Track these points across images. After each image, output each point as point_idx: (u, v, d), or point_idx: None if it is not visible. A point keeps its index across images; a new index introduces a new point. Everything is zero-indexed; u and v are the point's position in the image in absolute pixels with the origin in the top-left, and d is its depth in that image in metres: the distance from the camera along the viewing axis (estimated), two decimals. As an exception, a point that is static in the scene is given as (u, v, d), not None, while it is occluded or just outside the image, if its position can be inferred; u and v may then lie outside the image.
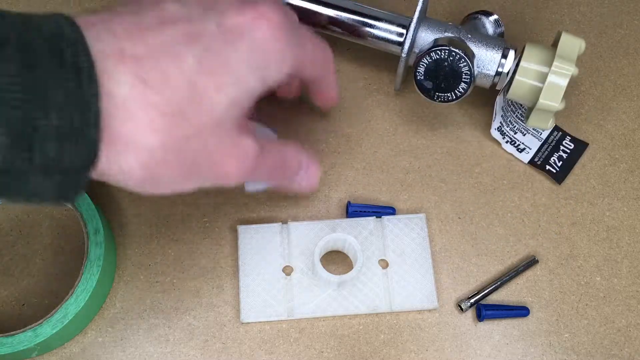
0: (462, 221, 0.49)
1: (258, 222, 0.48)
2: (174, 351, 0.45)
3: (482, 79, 0.47)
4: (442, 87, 0.46)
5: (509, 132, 0.51)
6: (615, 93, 0.54)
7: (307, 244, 0.47)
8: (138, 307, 0.46)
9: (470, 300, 0.46)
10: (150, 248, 0.48)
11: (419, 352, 0.45)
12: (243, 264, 0.46)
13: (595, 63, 0.55)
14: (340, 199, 0.50)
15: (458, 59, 0.45)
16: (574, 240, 0.49)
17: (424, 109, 0.53)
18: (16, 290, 0.46)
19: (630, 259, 0.49)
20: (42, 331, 0.42)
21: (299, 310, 0.45)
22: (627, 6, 0.57)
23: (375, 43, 0.50)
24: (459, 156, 0.51)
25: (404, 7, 0.56)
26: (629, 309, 0.47)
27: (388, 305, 0.46)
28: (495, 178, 0.51)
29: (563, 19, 0.57)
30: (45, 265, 0.47)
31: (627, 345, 0.46)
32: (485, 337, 0.46)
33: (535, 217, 0.50)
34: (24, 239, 0.47)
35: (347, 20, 0.49)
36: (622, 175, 0.51)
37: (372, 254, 0.47)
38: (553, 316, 0.47)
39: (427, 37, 0.47)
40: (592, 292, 0.48)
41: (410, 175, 0.51)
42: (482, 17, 0.50)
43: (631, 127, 0.53)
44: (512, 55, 0.47)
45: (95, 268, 0.43)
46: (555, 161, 0.51)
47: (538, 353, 0.46)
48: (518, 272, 0.48)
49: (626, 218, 0.50)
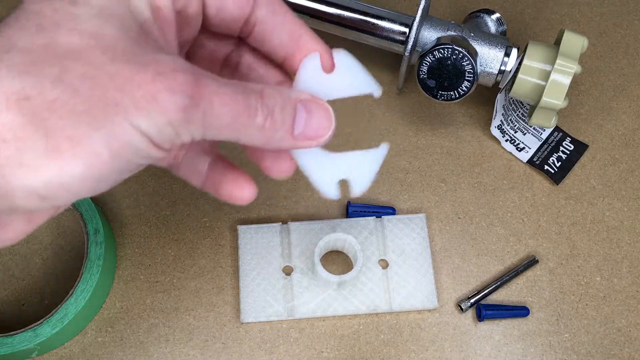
0: (462, 221, 0.49)
1: (258, 222, 0.48)
2: (174, 351, 0.45)
3: (485, 78, 0.47)
4: (445, 86, 0.46)
5: (509, 130, 0.51)
6: (615, 93, 0.54)
7: (307, 244, 0.47)
8: (138, 307, 0.46)
9: (470, 300, 0.46)
10: (150, 248, 0.47)
11: (419, 352, 0.45)
12: (243, 264, 0.46)
13: (595, 63, 0.55)
14: (340, 199, 0.50)
15: (461, 58, 0.45)
16: (574, 240, 0.49)
17: (424, 109, 0.53)
18: (16, 290, 0.46)
19: (630, 259, 0.49)
20: (42, 331, 0.41)
21: (299, 310, 0.45)
22: (627, 6, 0.57)
23: (378, 42, 0.49)
24: (459, 156, 0.51)
25: (406, 6, 0.56)
26: (629, 309, 0.47)
27: (388, 306, 0.46)
28: (495, 178, 0.51)
29: (563, 18, 0.57)
30: (45, 265, 0.47)
31: (627, 345, 0.46)
32: (486, 337, 0.46)
33: (535, 217, 0.50)
34: (23, 238, 0.47)
35: (350, 19, 0.49)
36: (622, 175, 0.51)
37: (372, 254, 0.47)
38: (553, 316, 0.47)
39: (429, 35, 0.47)
40: (592, 292, 0.48)
41: (411, 175, 0.51)
42: (484, 15, 0.50)
43: (631, 127, 0.53)
44: (514, 54, 0.47)
45: (95, 268, 0.43)
46: (554, 161, 0.51)
47: (538, 353, 0.46)
48: (518, 272, 0.48)
49: (626, 218, 0.50)
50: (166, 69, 0.24)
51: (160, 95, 0.24)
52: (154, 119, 0.24)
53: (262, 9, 0.30)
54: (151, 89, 0.24)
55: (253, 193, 0.32)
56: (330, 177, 0.32)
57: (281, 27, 0.31)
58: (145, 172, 0.50)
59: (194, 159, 0.32)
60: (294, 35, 0.31)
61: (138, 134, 0.24)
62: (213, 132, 0.26)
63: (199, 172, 0.32)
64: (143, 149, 0.24)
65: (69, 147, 0.22)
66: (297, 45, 0.31)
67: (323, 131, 0.30)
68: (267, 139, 0.28)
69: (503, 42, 0.47)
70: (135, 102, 0.23)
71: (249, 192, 0.32)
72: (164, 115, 0.24)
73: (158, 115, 0.24)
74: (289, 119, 0.28)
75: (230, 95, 0.26)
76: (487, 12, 0.50)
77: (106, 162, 0.23)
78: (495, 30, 0.50)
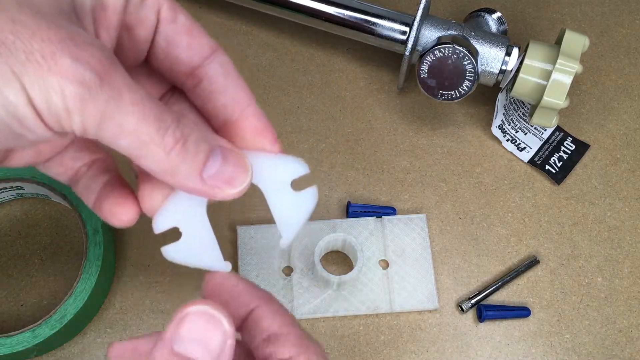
0: (463, 221, 0.49)
1: (258, 222, 0.48)
2: (174, 352, 0.45)
3: (486, 77, 0.47)
4: (445, 85, 0.46)
5: (510, 130, 0.51)
6: (616, 92, 0.54)
7: (307, 244, 0.47)
8: (137, 307, 0.46)
9: (471, 301, 0.46)
10: (149, 248, 0.47)
11: (420, 353, 0.45)
12: (243, 264, 0.46)
13: (596, 62, 0.55)
14: (340, 199, 0.49)
15: (462, 57, 0.44)
16: (575, 240, 0.49)
17: (425, 109, 0.53)
18: (15, 291, 0.46)
19: (631, 260, 0.48)
20: (41, 332, 0.41)
21: (299, 311, 0.45)
22: (628, 5, 0.57)
23: (378, 41, 0.49)
24: (459, 156, 0.51)
25: (407, 5, 0.56)
26: (631, 310, 0.47)
27: (388, 306, 0.45)
28: (496, 178, 0.51)
29: (564, 18, 0.56)
30: (44, 266, 0.47)
31: (628, 346, 0.46)
32: (486, 337, 0.46)
33: (536, 217, 0.49)
34: (22, 239, 0.47)
35: (350, 18, 0.49)
36: (624, 175, 0.51)
37: (373, 254, 0.47)
38: (554, 317, 0.47)
39: (430, 35, 0.47)
40: (594, 292, 0.47)
41: (411, 175, 0.51)
42: (485, 14, 0.50)
43: (632, 127, 0.53)
44: (515, 53, 0.47)
45: (94, 268, 0.43)
46: (555, 161, 0.51)
47: (539, 354, 0.46)
48: (519, 273, 0.47)
49: (628, 218, 0.50)
50: (81, 40, 0.21)
51: (61, 57, 0.20)
52: (42, 79, 0.20)
53: (216, 66, 0.28)
54: (54, 48, 0.20)
55: (134, 215, 0.28)
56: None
57: (230, 90, 0.28)
58: (144, 172, 0.50)
59: (94, 177, 0.29)
60: (241, 103, 0.28)
61: (18, 86, 0.20)
62: (110, 133, 0.22)
63: (93, 190, 0.29)
64: (21, 109, 0.20)
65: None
66: (241, 114, 0.28)
67: (235, 183, 0.26)
68: (171, 168, 0.24)
69: (504, 42, 0.47)
70: (28, 52, 0.20)
71: (129, 212, 0.28)
72: (58, 82, 0.20)
73: (50, 76, 0.20)
74: (202, 156, 0.25)
75: (143, 100, 0.22)
76: (488, 11, 0.50)
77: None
78: (496, 29, 0.50)
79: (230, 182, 0.26)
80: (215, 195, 0.26)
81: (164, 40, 0.27)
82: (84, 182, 0.29)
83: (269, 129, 0.29)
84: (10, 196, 0.47)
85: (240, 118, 0.28)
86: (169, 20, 0.27)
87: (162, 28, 0.27)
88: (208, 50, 0.28)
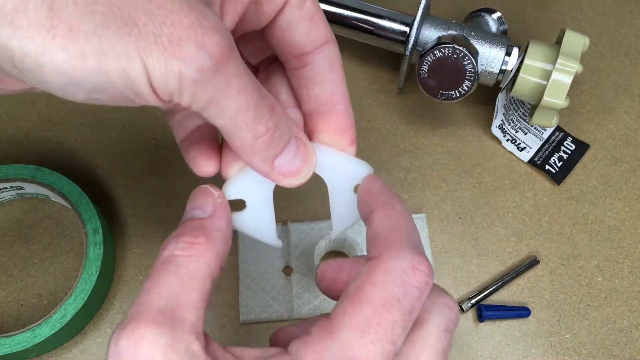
0: (463, 221, 0.49)
1: (258, 221, 0.48)
2: (174, 352, 0.45)
3: (486, 77, 0.47)
4: (445, 85, 0.46)
5: (510, 130, 0.51)
6: (616, 92, 0.54)
7: (307, 244, 0.47)
8: (137, 307, 0.46)
9: (471, 301, 0.46)
10: (149, 248, 0.47)
11: (420, 353, 0.45)
12: (243, 264, 0.46)
13: (596, 62, 0.55)
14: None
15: (462, 57, 0.44)
16: (576, 240, 0.49)
17: (425, 109, 0.53)
18: (15, 291, 0.46)
19: (631, 259, 0.48)
20: (41, 332, 0.41)
21: (299, 311, 0.45)
22: (628, 5, 0.57)
23: (378, 41, 0.49)
24: (459, 156, 0.51)
25: (407, 5, 0.56)
26: (631, 310, 0.47)
27: (389, 306, 0.45)
28: (496, 178, 0.51)
29: (564, 17, 0.56)
30: (44, 266, 0.46)
31: (628, 346, 0.46)
32: (486, 337, 0.46)
33: (537, 217, 0.49)
34: (22, 239, 0.47)
35: (350, 18, 0.49)
36: (624, 175, 0.51)
37: (373, 254, 0.47)
38: (554, 317, 0.47)
39: (430, 35, 0.47)
40: (594, 292, 0.47)
41: (411, 175, 0.51)
42: (485, 14, 0.50)
43: (633, 127, 0.53)
44: (515, 53, 0.46)
45: (94, 268, 0.43)
46: (555, 161, 0.51)
47: (539, 354, 0.46)
48: (519, 273, 0.47)
49: (628, 218, 0.50)
50: (208, 25, 0.22)
51: (186, 44, 0.22)
52: (165, 63, 0.21)
53: (323, 58, 0.29)
54: (181, 33, 0.21)
55: (213, 171, 0.30)
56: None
57: (329, 84, 0.30)
58: (145, 172, 0.50)
59: (190, 117, 0.30)
60: (334, 99, 0.30)
61: (140, 68, 0.21)
62: (211, 113, 0.24)
63: (185, 129, 0.30)
64: (138, 85, 0.22)
65: (63, 34, 0.20)
66: (331, 109, 0.30)
67: (299, 176, 0.28)
68: (253, 150, 0.26)
69: (504, 42, 0.47)
70: (157, 35, 0.21)
71: (211, 167, 0.30)
72: (178, 65, 0.22)
73: (173, 61, 0.21)
74: (282, 145, 0.27)
75: (249, 87, 0.24)
76: (488, 11, 0.50)
77: (88, 73, 0.21)
78: (496, 29, 0.50)
79: (295, 173, 0.28)
80: (278, 181, 0.28)
81: (286, 22, 0.28)
82: (178, 117, 0.31)
83: (351, 130, 0.30)
84: (10, 196, 0.47)
85: (329, 112, 0.30)
86: (297, 4, 0.28)
87: (288, 10, 0.28)
88: (322, 40, 0.29)
